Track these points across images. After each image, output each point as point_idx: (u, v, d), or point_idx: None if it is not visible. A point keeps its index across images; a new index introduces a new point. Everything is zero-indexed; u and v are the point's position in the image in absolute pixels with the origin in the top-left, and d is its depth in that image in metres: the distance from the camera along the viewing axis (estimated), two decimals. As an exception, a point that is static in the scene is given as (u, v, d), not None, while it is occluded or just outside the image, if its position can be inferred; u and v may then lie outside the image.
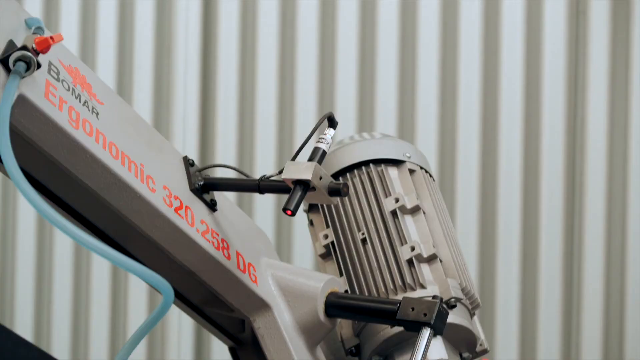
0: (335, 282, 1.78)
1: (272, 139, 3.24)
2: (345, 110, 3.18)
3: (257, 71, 3.25)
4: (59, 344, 3.28)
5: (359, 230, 1.90)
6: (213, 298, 1.70)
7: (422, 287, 1.82)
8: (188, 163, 1.65)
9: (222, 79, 3.24)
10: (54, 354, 2.85)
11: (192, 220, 1.58)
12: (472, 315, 1.90)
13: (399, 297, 1.77)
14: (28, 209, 3.26)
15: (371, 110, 3.21)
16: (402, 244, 1.86)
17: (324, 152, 1.59)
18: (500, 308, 3.19)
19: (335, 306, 1.74)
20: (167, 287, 1.28)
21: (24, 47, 1.32)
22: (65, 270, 3.31)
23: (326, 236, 1.94)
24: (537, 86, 3.16)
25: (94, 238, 1.23)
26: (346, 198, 1.92)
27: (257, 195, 3.21)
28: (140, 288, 3.25)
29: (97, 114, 1.46)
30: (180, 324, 3.25)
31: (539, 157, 3.17)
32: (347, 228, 1.91)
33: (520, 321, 3.19)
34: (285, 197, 1.55)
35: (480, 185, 3.19)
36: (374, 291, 1.84)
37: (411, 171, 1.95)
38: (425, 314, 1.61)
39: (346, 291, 1.86)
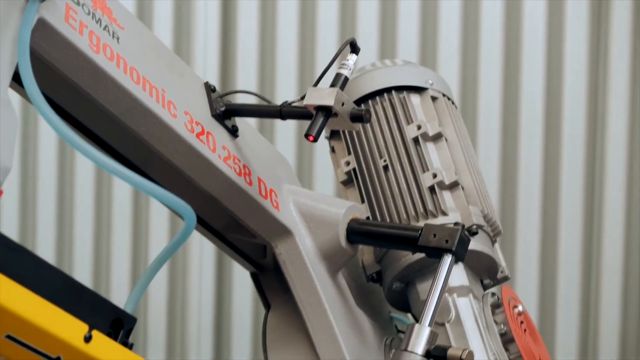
0: (356, 209, 1.78)
1: (293, 65, 3.22)
2: (367, 37, 3.16)
3: (278, -4, 3.22)
4: (80, 268, 3.30)
5: (381, 157, 1.89)
6: (235, 224, 1.70)
7: (444, 214, 1.82)
8: (209, 89, 1.64)
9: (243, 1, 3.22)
10: (76, 278, 2.88)
11: (214, 146, 1.58)
12: (493, 242, 1.91)
13: (421, 224, 1.77)
14: (50, 133, 3.27)
15: (393, 38, 3.18)
16: (423, 171, 1.86)
17: (346, 78, 1.58)
18: (521, 235, 3.18)
19: (356, 232, 1.74)
20: (190, 211, 1.28)
21: (43, -29, 1.31)
22: (87, 195, 3.32)
23: (348, 163, 1.94)
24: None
25: (115, 162, 1.23)
26: (368, 125, 1.92)
27: (278, 122, 3.21)
28: (162, 214, 3.26)
29: (117, 38, 1.45)
30: (202, 250, 3.27)
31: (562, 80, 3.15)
32: (368, 155, 1.91)
33: (540, 249, 3.19)
34: (307, 123, 1.54)
35: (502, 111, 3.17)
36: (396, 218, 1.84)
37: (433, 98, 1.94)
38: (446, 241, 1.61)
39: (368, 218, 1.86)
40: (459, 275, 1.80)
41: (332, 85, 1.57)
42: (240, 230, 1.73)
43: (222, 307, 3.30)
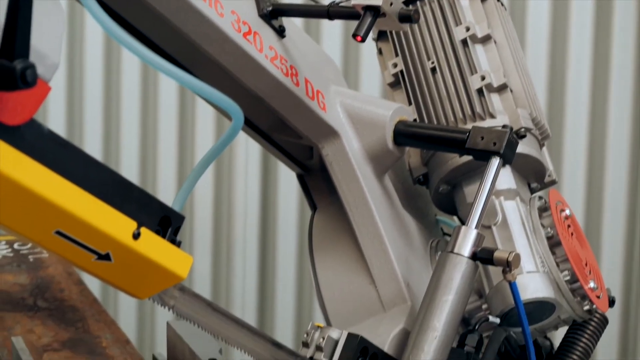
0: (404, 111, 1.76)
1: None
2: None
3: None
4: (127, 168, 3.33)
5: (429, 59, 1.87)
6: (281, 124, 1.70)
7: (492, 116, 1.81)
8: (256, -12, 1.63)
9: None
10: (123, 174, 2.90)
11: (261, 46, 1.56)
12: (541, 145, 1.89)
13: (468, 126, 1.76)
14: (96, 30, 3.26)
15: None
16: (472, 73, 1.83)
17: (395, -22, 1.55)
18: (569, 138, 3.16)
19: (403, 134, 1.73)
20: (237, 110, 1.27)
21: None
22: (133, 94, 3.33)
23: (395, 65, 1.92)
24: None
25: (162, 59, 1.22)
26: (416, 26, 1.89)
27: (325, 22, 3.18)
28: (208, 114, 3.26)
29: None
30: (248, 151, 3.27)
31: None
32: (416, 56, 1.89)
33: (588, 152, 3.16)
34: (354, 23, 1.52)
35: (551, 12, 3.12)
36: (443, 120, 1.83)
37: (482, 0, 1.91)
38: (494, 143, 1.60)
39: (415, 120, 1.85)
40: (506, 178, 1.79)
41: (381, -16, 1.54)
42: (286, 131, 1.72)
43: (267, 208, 3.32)
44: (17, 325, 1.88)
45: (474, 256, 1.59)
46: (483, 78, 1.82)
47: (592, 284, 1.73)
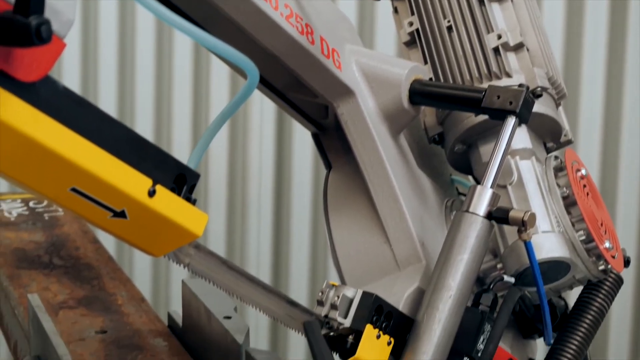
0: (419, 70, 1.75)
1: None
2: None
3: None
4: (142, 122, 3.33)
5: (445, 17, 1.86)
6: (296, 83, 1.69)
7: (508, 75, 1.80)
8: (271, -55, 1.61)
9: None
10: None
11: (276, 4, 1.55)
12: (557, 105, 1.88)
13: (484, 85, 1.75)
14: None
15: None
16: (488, 32, 1.82)
17: None
18: (585, 99, 3.14)
19: (419, 93, 1.72)
20: (252, 67, 1.27)
21: None
22: (148, 52, 3.33)
23: (411, 23, 1.91)
24: None
25: (177, 15, 1.21)
26: (432, -16, 1.88)
27: (340, -18, 3.16)
28: (223, 71, 3.26)
29: None
30: (262, 110, 3.27)
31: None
32: (432, 15, 1.87)
33: (604, 112, 3.15)
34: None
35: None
36: (459, 79, 1.82)
37: (499, -43, 1.89)
38: (510, 102, 1.59)
39: (430, 79, 1.84)
40: (522, 137, 1.78)
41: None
42: (301, 90, 1.72)
43: (282, 167, 3.32)
44: (32, 283, 1.89)
45: (489, 215, 1.59)
46: (499, 37, 1.81)
47: (607, 244, 1.73)
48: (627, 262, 1.80)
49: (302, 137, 3.25)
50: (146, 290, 3.22)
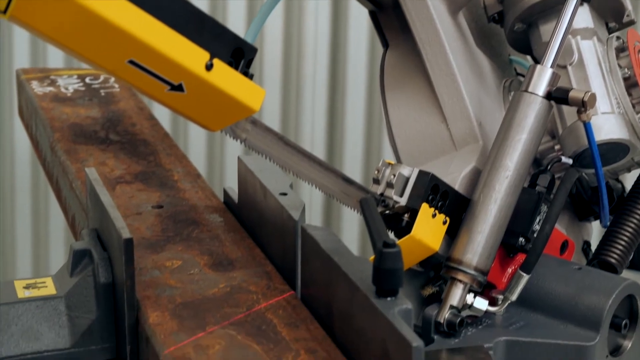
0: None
1: None
2: None
3: None
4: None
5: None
6: (355, -42, 1.66)
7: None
8: None
9: None
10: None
11: None
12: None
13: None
14: None
15: None
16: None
17: None
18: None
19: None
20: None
21: None
22: None
23: None
24: None
25: None
26: None
27: None
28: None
29: None
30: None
31: None
32: None
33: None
34: None
35: None
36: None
37: None
38: (574, -20, 1.56)
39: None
40: (584, 16, 1.74)
41: None
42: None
43: (337, 45, 3.29)
44: (90, 158, 1.91)
45: (548, 95, 1.57)
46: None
47: (667, 126, 1.71)
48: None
49: (358, 14, 3.21)
50: (201, 167, 3.24)
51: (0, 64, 3.18)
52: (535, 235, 1.59)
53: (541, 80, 1.57)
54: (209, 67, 1.19)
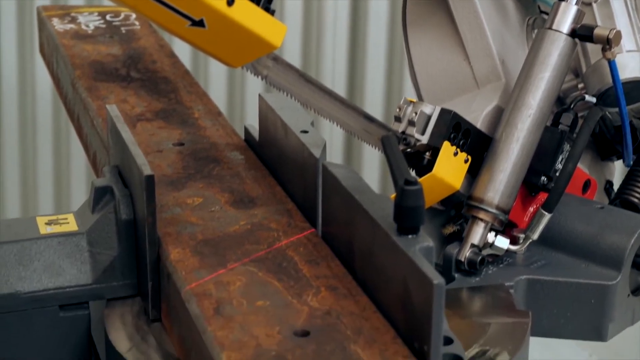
0: None
1: None
2: None
3: None
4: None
5: None
6: None
7: None
8: None
9: None
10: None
11: None
12: None
13: None
14: None
15: None
16: None
17: None
18: None
19: None
20: None
21: None
22: None
23: None
24: None
25: None
26: None
27: None
28: None
29: None
30: None
31: None
32: None
33: None
34: None
35: None
36: None
37: None
38: None
39: None
40: (609, -48, 1.72)
41: None
42: None
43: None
44: (110, 95, 1.90)
45: (572, 33, 1.56)
46: None
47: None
48: None
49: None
50: (222, 105, 3.24)
51: (21, 1, 3.17)
52: (557, 174, 1.58)
53: (565, 17, 1.55)
54: (230, 2, 1.18)
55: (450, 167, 1.55)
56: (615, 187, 1.82)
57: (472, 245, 1.55)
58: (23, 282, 1.36)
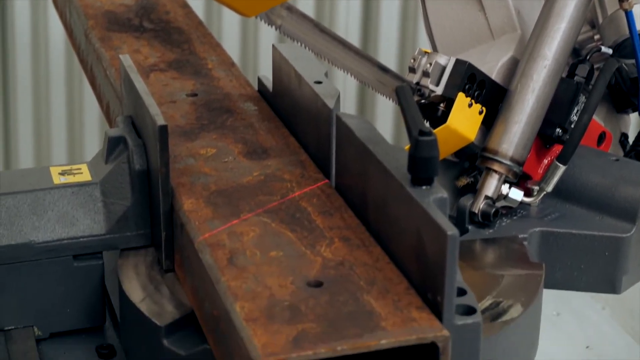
0: None
1: None
2: None
3: None
4: None
5: None
6: None
7: None
8: None
9: None
10: None
11: None
12: None
13: None
14: None
15: None
16: None
17: None
18: None
19: None
20: None
21: None
22: None
23: None
24: None
25: None
26: None
27: None
28: None
29: None
30: None
31: None
32: None
33: None
34: None
35: None
36: None
37: None
38: None
39: None
40: None
41: None
42: None
43: None
44: (123, 45, 1.90)
45: (589, -17, 1.54)
46: None
47: None
48: None
49: None
50: (235, 56, 3.22)
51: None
52: (572, 126, 1.57)
53: (582, -33, 1.54)
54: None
55: (464, 119, 1.54)
56: (631, 139, 1.81)
57: (486, 197, 1.55)
58: (37, 232, 1.36)
